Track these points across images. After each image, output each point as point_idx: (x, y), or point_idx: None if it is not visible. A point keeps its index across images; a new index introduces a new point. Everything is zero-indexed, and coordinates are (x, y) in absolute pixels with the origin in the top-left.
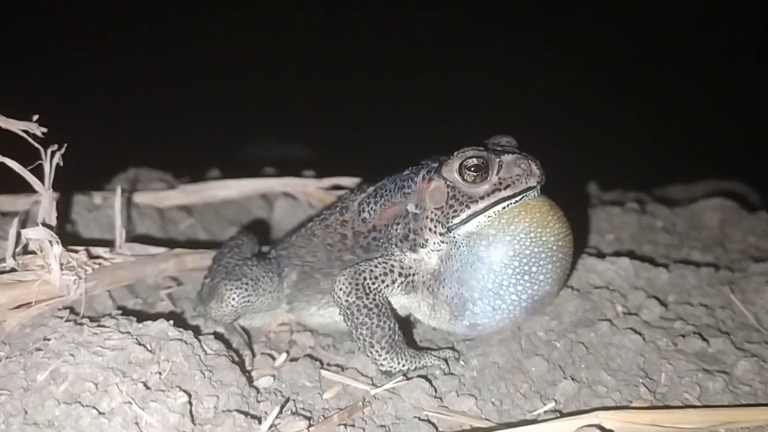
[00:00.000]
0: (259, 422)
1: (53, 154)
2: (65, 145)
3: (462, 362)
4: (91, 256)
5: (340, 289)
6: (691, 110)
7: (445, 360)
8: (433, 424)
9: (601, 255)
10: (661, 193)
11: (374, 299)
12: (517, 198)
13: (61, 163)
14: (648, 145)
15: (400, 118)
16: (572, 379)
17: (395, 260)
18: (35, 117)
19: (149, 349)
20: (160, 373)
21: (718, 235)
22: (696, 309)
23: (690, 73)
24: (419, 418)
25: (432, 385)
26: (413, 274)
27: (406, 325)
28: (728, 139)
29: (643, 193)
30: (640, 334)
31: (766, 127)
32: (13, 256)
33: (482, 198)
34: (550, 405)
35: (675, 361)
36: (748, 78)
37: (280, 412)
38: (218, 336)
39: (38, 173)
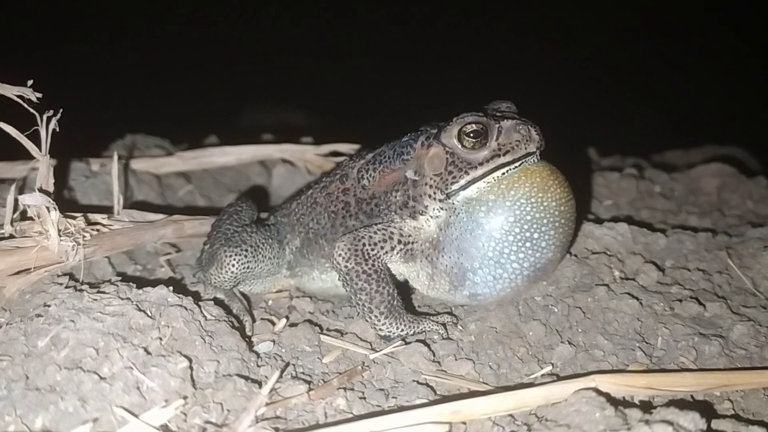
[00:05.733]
0: (260, 386)
1: (49, 119)
2: (61, 110)
3: (460, 327)
4: (89, 223)
5: (340, 255)
6: (690, 75)
7: (444, 325)
8: (432, 388)
9: (599, 220)
10: (660, 159)
11: (373, 265)
12: (517, 164)
13: (58, 129)
14: (646, 111)
15: (399, 83)
16: (569, 343)
17: (395, 227)
18: (30, 82)
19: (149, 314)
20: (160, 339)
21: (716, 200)
22: (693, 274)
23: (689, 38)
24: (418, 382)
25: (430, 349)
26: (412, 242)
27: (404, 290)
28: (727, 104)
29: (641, 159)
30: (637, 298)
31: (764, 92)
32: (11, 223)
33: (481, 164)
34: (547, 369)
35: (671, 325)
36: (747, 43)
37: (281, 376)
38: (218, 302)
39: (35, 139)
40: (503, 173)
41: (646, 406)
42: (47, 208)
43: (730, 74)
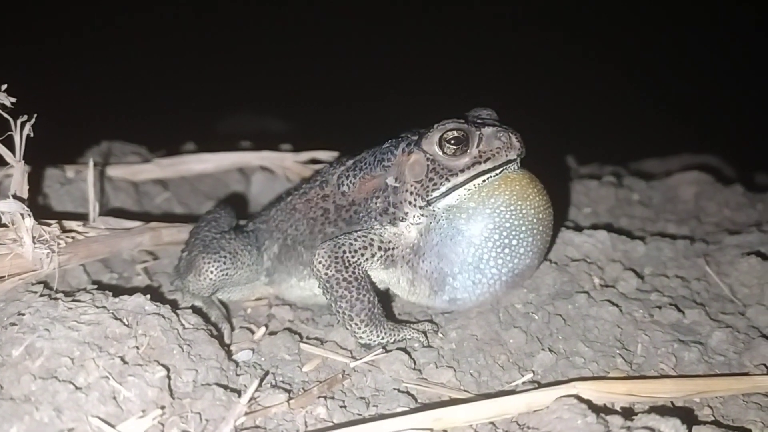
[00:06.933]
0: (239, 395)
1: (24, 125)
2: (35, 115)
3: (441, 335)
4: (64, 230)
5: (320, 263)
6: (666, 84)
7: (424, 333)
8: (413, 396)
9: (578, 228)
10: (637, 167)
11: (353, 272)
12: (497, 171)
13: (32, 135)
14: (624, 119)
15: (379, 90)
16: (550, 350)
17: (375, 234)
18: (3, 86)
19: (126, 323)
20: (137, 348)
21: (694, 208)
22: (672, 281)
23: (664, 47)
24: (398, 390)
25: (411, 357)
26: (393, 249)
27: (385, 298)
28: (703, 113)
29: (619, 167)
30: (616, 305)
31: (740, 100)
32: None
33: (462, 171)
34: (528, 376)
35: (651, 332)
36: (723, 52)
37: (260, 385)
38: (196, 310)
39: (9, 145)
40: (484, 180)
41: (628, 413)
42: (21, 215)
43: (706, 82)
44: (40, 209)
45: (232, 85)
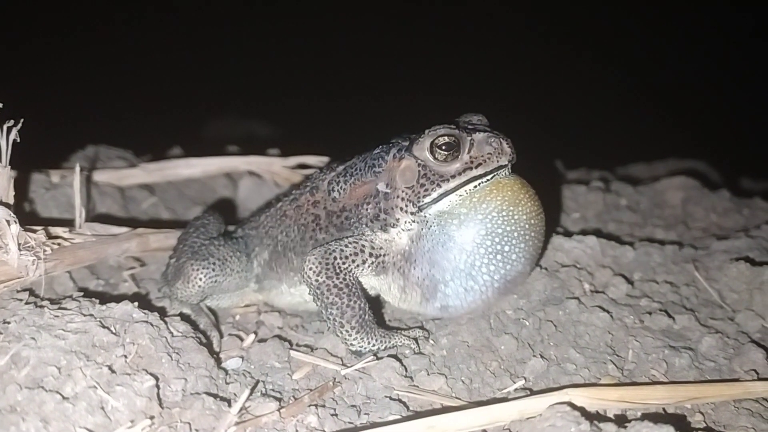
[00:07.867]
0: (229, 405)
1: (9, 130)
2: (21, 120)
3: (432, 341)
4: (50, 236)
5: (310, 269)
6: (653, 89)
7: (415, 339)
8: (404, 403)
9: (568, 233)
10: (625, 172)
11: (344, 279)
12: (489, 177)
13: (18, 140)
14: (610, 124)
15: (368, 95)
16: (541, 356)
17: (366, 240)
18: None
19: (113, 331)
20: (125, 356)
21: (681, 213)
22: (661, 286)
23: (652, 52)
24: (390, 398)
25: (402, 364)
26: (384, 255)
27: (375, 304)
28: (689, 117)
29: (607, 172)
30: (607, 311)
31: (726, 105)
32: None
33: (453, 177)
34: (520, 383)
35: (642, 338)
36: (710, 57)
37: (250, 394)
38: (185, 317)
39: None
40: (475, 186)
41: (621, 420)
42: (7, 221)
43: (691, 88)
44: (26, 215)
45: (219, 89)
